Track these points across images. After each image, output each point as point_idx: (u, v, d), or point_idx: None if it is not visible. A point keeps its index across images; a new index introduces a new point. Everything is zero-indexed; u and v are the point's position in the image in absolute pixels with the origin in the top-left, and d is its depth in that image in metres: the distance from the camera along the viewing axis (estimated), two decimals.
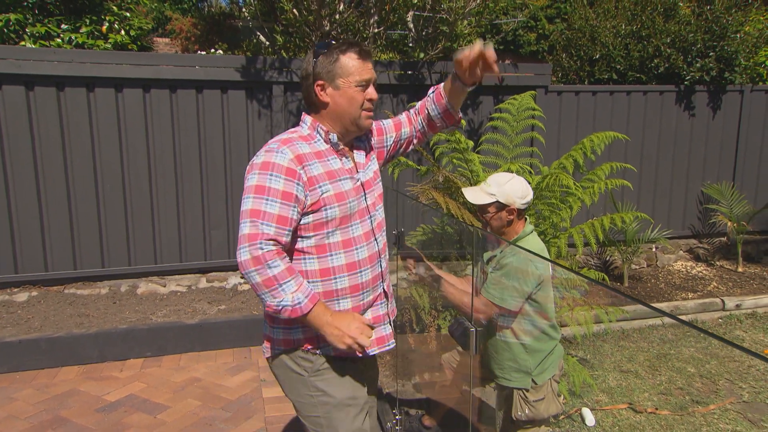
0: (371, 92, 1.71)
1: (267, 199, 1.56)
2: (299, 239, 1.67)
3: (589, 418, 3.20)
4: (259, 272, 1.52)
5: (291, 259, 1.66)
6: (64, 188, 4.59)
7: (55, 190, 4.57)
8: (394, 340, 1.87)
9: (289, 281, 1.54)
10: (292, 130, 1.76)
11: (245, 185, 1.62)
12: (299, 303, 1.55)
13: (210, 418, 3.18)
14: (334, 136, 1.71)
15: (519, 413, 2.34)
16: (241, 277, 5.03)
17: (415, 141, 2.05)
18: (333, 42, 1.72)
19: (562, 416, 3.22)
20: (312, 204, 1.62)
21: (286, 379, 1.77)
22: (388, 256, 1.87)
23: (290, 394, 1.77)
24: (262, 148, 1.68)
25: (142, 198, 4.78)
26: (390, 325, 1.86)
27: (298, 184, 1.59)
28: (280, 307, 1.55)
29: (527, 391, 2.33)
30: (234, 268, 5.10)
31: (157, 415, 3.20)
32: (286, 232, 1.58)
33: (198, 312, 4.37)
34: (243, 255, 1.53)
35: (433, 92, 1.96)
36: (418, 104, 2.01)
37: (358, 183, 1.76)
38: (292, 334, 1.72)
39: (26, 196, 4.51)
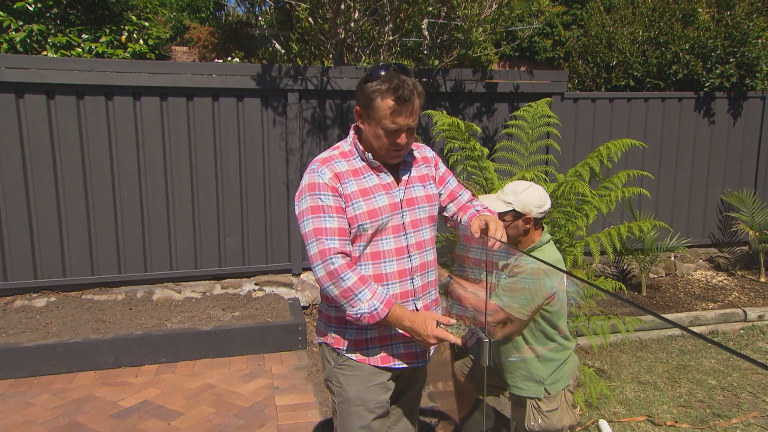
0: (400, 139, 1.72)
1: (324, 217, 1.69)
2: None
3: (607, 431, 3.13)
4: (335, 285, 1.66)
5: None
6: (82, 195, 4.66)
7: (74, 196, 4.64)
8: (426, 359, 1.90)
9: (363, 290, 1.66)
10: (336, 145, 1.86)
11: (298, 210, 1.75)
12: (375, 309, 1.66)
13: (223, 425, 3.18)
14: (369, 155, 1.78)
15: (532, 423, 2.30)
16: (255, 284, 5.05)
17: (449, 224, 2.05)
18: (389, 68, 1.69)
19: (579, 428, 3.16)
20: (348, 219, 1.74)
21: (322, 364, 1.95)
22: (429, 277, 1.88)
23: (324, 375, 1.95)
24: (306, 171, 1.78)
25: (158, 204, 4.83)
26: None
27: (341, 199, 1.73)
28: (359, 315, 1.67)
29: (540, 400, 2.30)
30: (248, 274, 5.13)
31: (171, 422, 3.22)
32: (348, 242, 1.72)
33: (212, 319, 4.39)
34: (318, 272, 1.68)
35: (471, 215, 1.94)
36: (467, 213, 1.96)
37: (397, 200, 1.80)
38: (327, 328, 1.87)
39: (45, 203, 4.59)
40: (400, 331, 1.77)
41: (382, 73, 1.68)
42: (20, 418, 3.24)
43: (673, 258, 6.07)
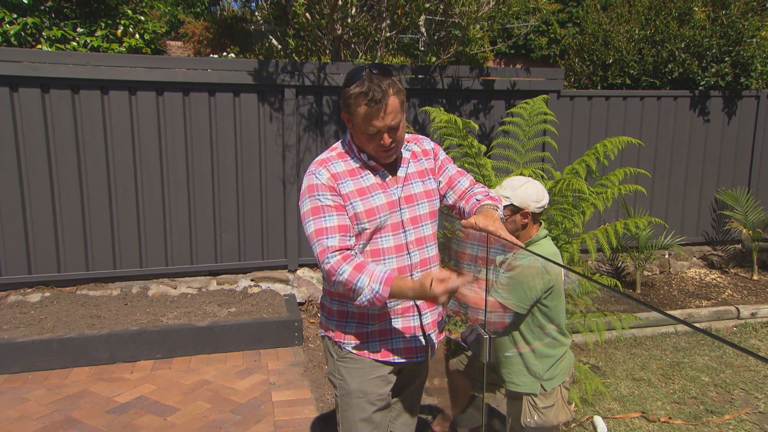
0: (383, 141, 1.71)
1: (324, 216, 1.72)
2: None
3: (601, 427, 3.16)
4: (336, 282, 1.69)
5: None
6: (77, 190, 4.63)
7: (69, 191, 4.61)
8: (425, 354, 1.91)
9: (360, 278, 1.64)
10: (333, 146, 1.88)
11: (301, 213, 1.79)
12: (377, 292, 1.64)
13: (220, 421, 3.18)
14: (364, 156, 1.80)
15: (528, 420, 2.31)
16: (251, 280, 5.05)
17: (454, 213, 2.00)
18: (363, 70, 1.67)
19: (574, 424, 3.19)
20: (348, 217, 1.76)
21: (325, 357, 1.98)
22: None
23: (327, 368, 1.98)
24: (305, 174, 1.82)
25: (153, 200, 4.81)
26: (422, 339, 1.89)
27: (339, 198, 1.75)
28: (364, 302, 1.66)
29: (536, 397, 2.31)
30: (244, 270, 5.12)
31: (167, 417, 3.21)
32: (349, 237, 1.73)
33: (208, 314, 4.38)
34: (323, 271, 1.72)
35: (472, 206, 1.85)
36: (469, 202, 1.88)
37: (395, 197, 1.81)
38: (329, 322, 1.91)
39: (40, 198, 4.56)
40: (398, 327, 1.82)
41: (358, 76, 1.66)
42: (15, 413, 3.23)
43: (667, 256, 6.11)
